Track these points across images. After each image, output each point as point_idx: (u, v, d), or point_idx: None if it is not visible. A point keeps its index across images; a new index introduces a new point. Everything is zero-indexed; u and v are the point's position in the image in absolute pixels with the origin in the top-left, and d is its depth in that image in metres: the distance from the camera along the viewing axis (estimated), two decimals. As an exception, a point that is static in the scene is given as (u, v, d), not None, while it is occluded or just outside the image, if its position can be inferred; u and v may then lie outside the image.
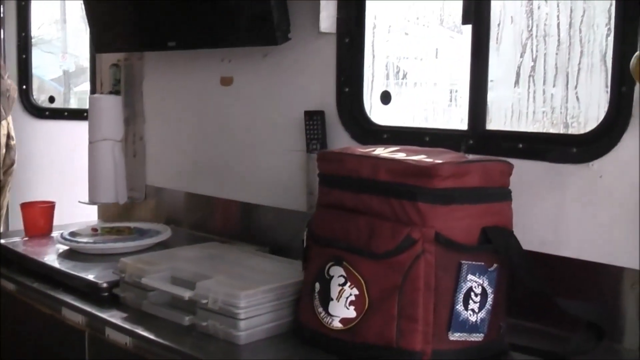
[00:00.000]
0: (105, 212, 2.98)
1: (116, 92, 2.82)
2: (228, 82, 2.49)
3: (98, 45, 2.80)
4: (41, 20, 4.01)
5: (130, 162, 2.78)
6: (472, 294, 1.45)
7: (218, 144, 2.57)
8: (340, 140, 2.18)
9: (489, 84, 1.95)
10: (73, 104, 3.96)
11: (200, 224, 2.62)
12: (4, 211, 3.40)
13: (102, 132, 2.71)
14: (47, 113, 3.79)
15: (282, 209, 2.33)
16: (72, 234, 2.35)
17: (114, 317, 1.80)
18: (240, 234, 2.44)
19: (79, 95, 4.10)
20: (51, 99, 3.96)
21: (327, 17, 2.17)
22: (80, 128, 3.45)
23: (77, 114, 3.65)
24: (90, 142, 2.73)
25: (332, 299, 1.51)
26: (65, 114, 3.76)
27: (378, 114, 2.22)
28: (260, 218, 2.41)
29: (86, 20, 3.43)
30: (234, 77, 2.48)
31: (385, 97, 2.22)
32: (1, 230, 3.36)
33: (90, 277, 1.98)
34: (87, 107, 3.53)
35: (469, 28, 1.95)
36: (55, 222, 2.56)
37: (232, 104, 2.50)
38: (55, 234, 2.44)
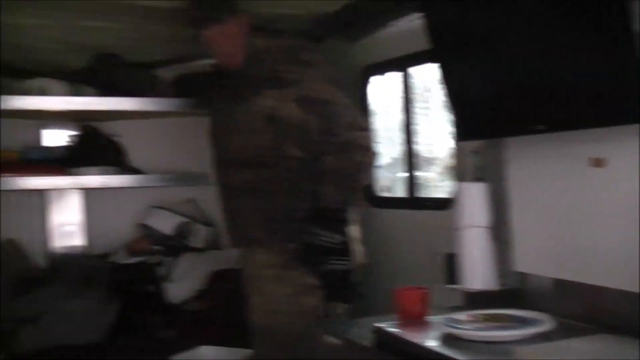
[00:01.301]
0: (469, 298, 2.97)
1: (479, 179, 2.85)
2: (601, 164, 2.41)
3: (460, 134, 2.86)
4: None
5: (496, 248, 2.78)
6: None
7: (589, 228, 2.48)
8: None
9: None
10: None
11: (571, 312, 2.51)
12: None
13: (469, 219, 2.76)
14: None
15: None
16: (452, 319, 2.38)
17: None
18: (618, 324, 2.29)
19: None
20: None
21: None
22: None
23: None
24: (456, 229, 2.77)
25: None
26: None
27: None
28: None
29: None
30: (606, 158, 2.40)
31: None
32: None
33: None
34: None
35: None
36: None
37: (604, 185, 2.41)
38: (430, 319, 2.51)
